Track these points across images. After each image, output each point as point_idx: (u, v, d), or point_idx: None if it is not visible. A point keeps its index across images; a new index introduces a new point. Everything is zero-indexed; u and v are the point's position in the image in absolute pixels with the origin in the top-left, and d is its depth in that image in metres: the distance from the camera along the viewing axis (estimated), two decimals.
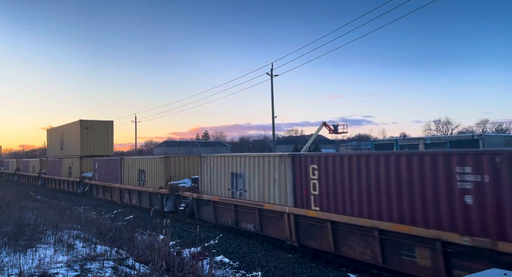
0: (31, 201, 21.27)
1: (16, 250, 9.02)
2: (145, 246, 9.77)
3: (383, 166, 8.83)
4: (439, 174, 7.65)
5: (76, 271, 7.85)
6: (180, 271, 8.03)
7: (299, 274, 9.82)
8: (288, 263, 10.44)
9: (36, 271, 7.57)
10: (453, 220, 7.39)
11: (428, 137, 48.29)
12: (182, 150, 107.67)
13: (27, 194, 26.01)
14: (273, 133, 39.69)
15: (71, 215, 14.96)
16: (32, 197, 25.81)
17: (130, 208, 22.48)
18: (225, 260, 11.51)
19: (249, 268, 10.54)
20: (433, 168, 7.78)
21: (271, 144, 46.66)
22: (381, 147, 45.76)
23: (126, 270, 8.15)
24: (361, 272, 9.58)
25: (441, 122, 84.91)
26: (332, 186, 10.17)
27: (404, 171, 8.35)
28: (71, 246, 9.88)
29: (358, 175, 9.45)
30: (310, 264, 10.52)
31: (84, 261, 8.52)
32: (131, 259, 9.14)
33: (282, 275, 9.39)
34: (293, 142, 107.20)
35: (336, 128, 44.05)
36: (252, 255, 11.81)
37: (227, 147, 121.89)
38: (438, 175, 7.68)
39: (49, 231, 11.32)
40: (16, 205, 16.86)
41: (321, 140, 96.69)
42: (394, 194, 8.57)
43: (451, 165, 7.45)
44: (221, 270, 10.36)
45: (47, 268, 7.81)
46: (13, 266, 7.89)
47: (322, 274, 9.78)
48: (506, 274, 3.73)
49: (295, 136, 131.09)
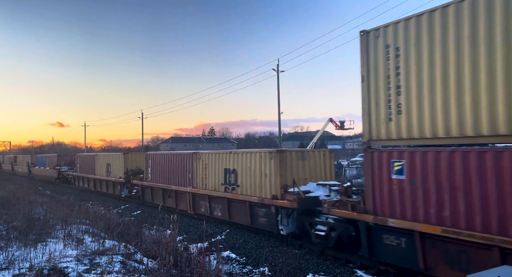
0: (40, 196, 21.55)
1: (26, 244, 9.15)
2: (152, 241, 9.84)
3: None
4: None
5: (85, 265, 7.94)
6: (188, 266, 8.08)
7: (306, 270, 9.84)
8: (295, 259, 10.46)
9: (46, 265, 7.68)
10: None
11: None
12: (188, 146, 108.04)
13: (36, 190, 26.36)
14: (279, 129, 39.64)
15: (80, 210, 15.13)
16: (40, 192, 26.21)
17: (135, 204, 22.72)
18: (232, 256, 11.56)
19: (256, 263, 10.58)
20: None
21: (277, 140, 46.59)
22: None
23: (135, 264, 8.22)
24: (367, 269, 9.56)
25: None
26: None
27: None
28: (80, 240, 9.99)
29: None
30: (317, 260, 10.53)
31: (93, 255, 8.62)
32: (139, 254, 9.22)
33: (289, 271, 9.41)
34: (299, 138, 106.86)
35: (342, 124, 43.84)
36: (259, 250, 11.84)
37: (233, 143, 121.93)
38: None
39: (58, 225, 11.45)
40: (26, 200, 17.09)
41: (328, 136, 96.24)
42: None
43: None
44: (228, 265, 10.41)
45: (57, 262, 7.91)
46: (24, 260, 8.01)
47: (329, 270, 9.79)
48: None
49: (301, 132, 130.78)
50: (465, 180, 7.09)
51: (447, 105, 7.43)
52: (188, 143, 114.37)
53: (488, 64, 6.84)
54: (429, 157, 7.67)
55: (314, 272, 9.73)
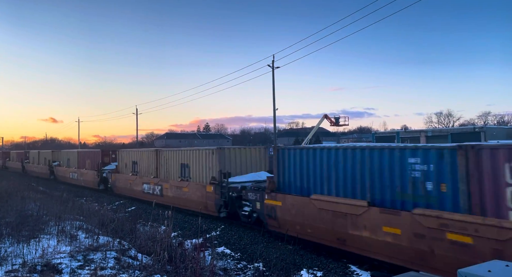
0: (33, 192, 21.39)
1: (19, 240, 9.09)
2: (147, 237, 9.83)
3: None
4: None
5: (79, 261, 7.91)
6: (182, 262, 8.08)
7: (300, 265, 9.88)
8: (289, 254, 10.50)
9: (39, 261, 7.63)
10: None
11: (430, 130, 48.12)
12: (183, 142, 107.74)
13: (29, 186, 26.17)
14: (274, 126, 39.64)
15: (73, 206, 15.04)
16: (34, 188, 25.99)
17: (132, 200, 22.64)
18: (226, 251, 11.58)
19: (251, 259, 10.61)
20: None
21: (272, 137, 46.62)
22: (382, 139, 45.64)
23: (129, 260, 8.20)
24: (362, 264, 9.63)
25: (443, 115, 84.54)
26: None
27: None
28: (74, 236, 9.94)
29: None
30: (311, 255, 10.58)
31: (87, 251, 8.59)
32: (134, 250, 9.20)
33: (283, 266, 9.45)
34: (294, 134, 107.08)
35: (337, 121, 43.99)
36: (253, 246, 11.87)
37: (228, 139, 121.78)
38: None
39: (52, 222, 11.39)
40: (18, 195, 16.95)
41: (322, 133, 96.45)
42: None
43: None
44: (222, 261, 10.43)
45: (51, 258, 7.87)
46: (17, 256, 7.96)
47: (323, 265, 9.84)
48: (508, 265, 3.75)
49: (296, 128, 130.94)
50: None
51: None
52: (183, 139, 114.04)
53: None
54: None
55: (308, 267, 9.78)
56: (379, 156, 9.02)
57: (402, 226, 8.22)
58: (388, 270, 9.05)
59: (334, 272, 9.37)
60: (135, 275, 7.21)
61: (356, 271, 9.32)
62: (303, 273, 9.41)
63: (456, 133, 40.26)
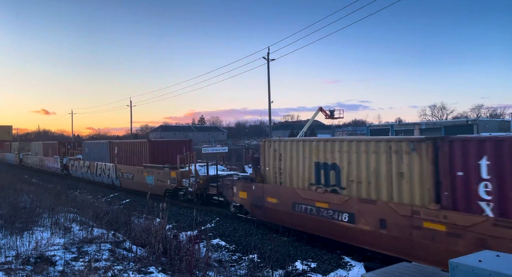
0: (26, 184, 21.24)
1: (12, 233, 9.04)
2: (142, 229, 9.82)
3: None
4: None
5: (73, 253, 7.89)
6: (177, 253, 8.10)
7: (295, 257, 9.96)
8: (284, 246, 10.57)
9: (33, 253, 7.61)
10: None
11: (424, 122, 48.36)
12: (178, 135, 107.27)
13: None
14: (269, 118, 39.57)
15: (67, 198, 14.98)
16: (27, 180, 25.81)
17: (126, 192, 22.59)
18: (221, 243, 11.62)
19: (245, 250, 10.66)
20: None
21: (268, 129, 46.61)
22: (377, 132, 45.83)
23: (123, 252, 8.20)
24: (355, 255, 9.73)
25: (437, 107, 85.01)
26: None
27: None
28: (68, 229, 9.91)
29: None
30: (305, 247, 10.66)
31: (81, 243, 8.57)
32: (128, 242, 9.20)
33: (278, 258, 9.52)
34: (289, 127, 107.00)
35: (332, 113, 43.96)
36: (248, 238, 11.93)
37: (223, 132, 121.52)
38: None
39: (45, 214, 11.33)
40: (11, 188, 16.83)
41: (317, 126, 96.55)
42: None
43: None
44: (217, 252, 10.48)
45: (44, 250, 7.84)
46: (10, 248, 7.92)
47: (317, 256, 9.92)
48: (498, 255, 3.81)
49: (291, 121, 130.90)
50: None
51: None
52: (178, 132, 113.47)
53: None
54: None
55: (303, 258, 9.86)
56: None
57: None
58: (380, 260, 9.16)
59: (328, 263, 9.46)
60: (130, 267, 7.22)
61: (349, 262, 9.42)
62: (298, 264, 9.49)
63: (449, 125, 40.53)
